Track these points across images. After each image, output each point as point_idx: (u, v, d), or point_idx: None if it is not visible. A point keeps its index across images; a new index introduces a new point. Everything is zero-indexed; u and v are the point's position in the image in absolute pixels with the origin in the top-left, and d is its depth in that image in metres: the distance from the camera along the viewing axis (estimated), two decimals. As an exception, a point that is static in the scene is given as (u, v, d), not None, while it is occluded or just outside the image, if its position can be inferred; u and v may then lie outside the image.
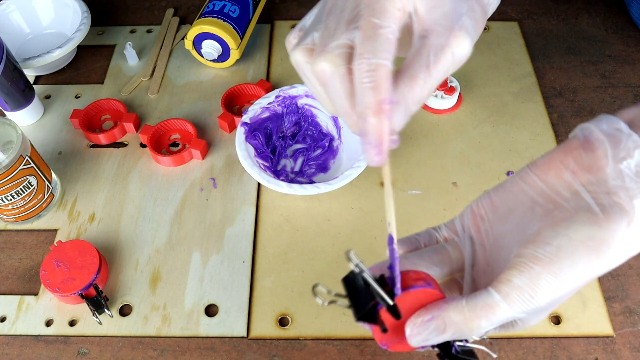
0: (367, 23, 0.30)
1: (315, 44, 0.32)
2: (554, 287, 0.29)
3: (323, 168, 0.59)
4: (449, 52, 0.30)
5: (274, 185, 0.52)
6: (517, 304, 0.29)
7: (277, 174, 0.58)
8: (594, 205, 0.29)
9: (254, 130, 0.58)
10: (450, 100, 0.62)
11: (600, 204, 0.29)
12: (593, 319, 0.49)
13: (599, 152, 0.30)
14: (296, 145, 0.61)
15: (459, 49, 0.30)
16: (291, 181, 0.57)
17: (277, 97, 0.59)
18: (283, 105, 0.60)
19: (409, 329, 0.31)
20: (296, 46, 0.34)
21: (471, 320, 0.30)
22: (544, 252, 0.29)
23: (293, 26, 0.72)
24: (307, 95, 0.60)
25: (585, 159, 0.30)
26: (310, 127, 0.61)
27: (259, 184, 0.58)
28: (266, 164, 0.57)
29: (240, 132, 0.56)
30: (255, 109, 0.58)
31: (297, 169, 0.59)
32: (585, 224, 0.29)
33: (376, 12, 0.30)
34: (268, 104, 0.59)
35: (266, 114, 0.59)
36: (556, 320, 0.49)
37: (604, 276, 0.51)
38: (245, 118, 0.57)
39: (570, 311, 0.49)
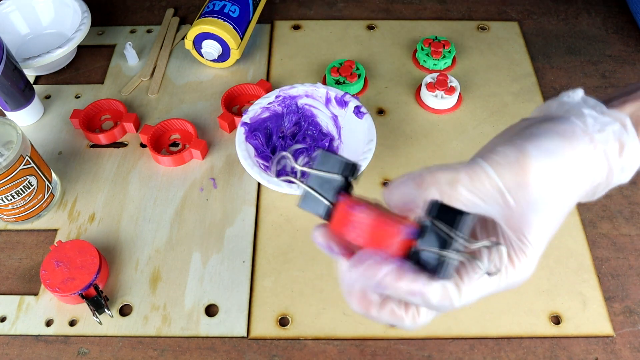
0: None
1: None
2: (541, 164, 0.29)
3: (323, 168, 0.59)
4: None
5: (274, 185, 0.52)
6: (507, 178, 0.29)
7: (277, 173, 0.58)
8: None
9: (254, 130, 0.58)
10: (450, 100, 0.62)
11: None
12: (593, 319, 0.49)
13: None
14: (296, 145, 0.61)
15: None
16: (291, 181, 0.57)
17: (277, 97, 0.59)
18: (283, 105, 0.60)
19: (388, 186, 0.32)
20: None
21: (457, 181, 0.30)
22: (522, 136, 0.31)
23: (293, 26, 0.73)
24: (307, 95, 0.60)
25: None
26: (310, 127, 0.61)
27: (259, 184, 0.58)
28: (266, 164, 0.57)
29: (240, 132, 0.56)
30: (255, 109, 0.58)
31: (297, 169, 0.59)
32: (552, 127, 0.31)
33: None
34: (268, 104, 0.59)
35: (266, 114, 0.59)
36: (556, 320, 0.49)
37: (604, 276, 0.51)
38: (245, 118, 0.57)
39: (570, 311, 0.49)
